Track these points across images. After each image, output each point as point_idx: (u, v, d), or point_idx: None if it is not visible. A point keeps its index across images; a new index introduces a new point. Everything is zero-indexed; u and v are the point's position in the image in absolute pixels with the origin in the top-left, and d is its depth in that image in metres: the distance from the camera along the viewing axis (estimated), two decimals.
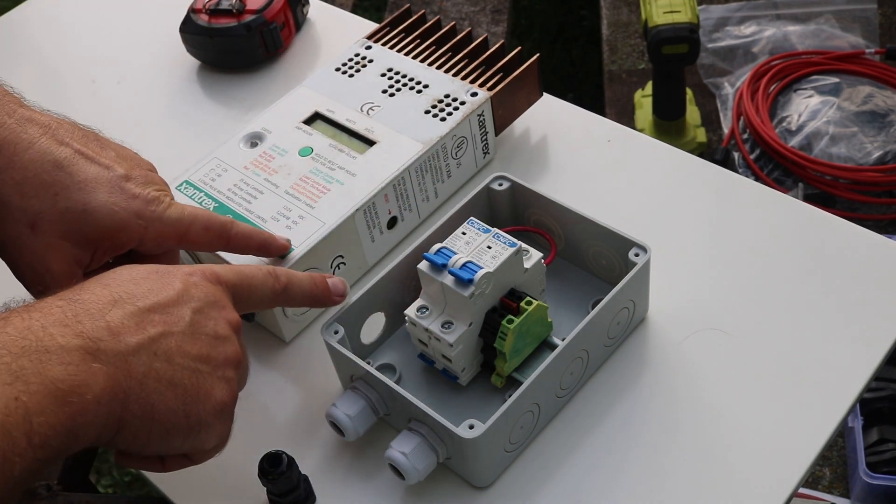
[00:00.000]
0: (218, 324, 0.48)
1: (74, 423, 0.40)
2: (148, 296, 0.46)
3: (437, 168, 0.68)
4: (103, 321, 0.43)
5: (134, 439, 0.44)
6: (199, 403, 0.46)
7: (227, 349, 0.48)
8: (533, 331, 0.55)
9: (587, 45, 1.98)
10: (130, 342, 0.44)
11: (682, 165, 0.71)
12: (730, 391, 0.57)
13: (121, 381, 0.42)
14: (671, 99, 1.43)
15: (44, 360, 0.40)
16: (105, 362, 0.42)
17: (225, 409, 0.48)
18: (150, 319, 0.45)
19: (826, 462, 1.13)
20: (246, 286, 0.52)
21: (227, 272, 0.51)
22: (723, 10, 1.63)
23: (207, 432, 0.47)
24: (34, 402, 0.38)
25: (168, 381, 0.45)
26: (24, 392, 0.38)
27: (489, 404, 0.57)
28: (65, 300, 0.44)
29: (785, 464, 0.53)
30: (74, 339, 0.41)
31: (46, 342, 0.40)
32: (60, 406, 0.39)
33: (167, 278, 0.48)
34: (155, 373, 0.44)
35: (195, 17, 0.85)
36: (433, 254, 0.54)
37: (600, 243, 0.60)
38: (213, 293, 0.49)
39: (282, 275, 0.54)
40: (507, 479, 0.55)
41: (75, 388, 0.40)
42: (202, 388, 0.46)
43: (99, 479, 1.46)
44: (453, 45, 0.74)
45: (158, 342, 0.45)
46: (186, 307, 0.47)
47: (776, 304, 0.61)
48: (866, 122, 1.40)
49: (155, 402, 0.44)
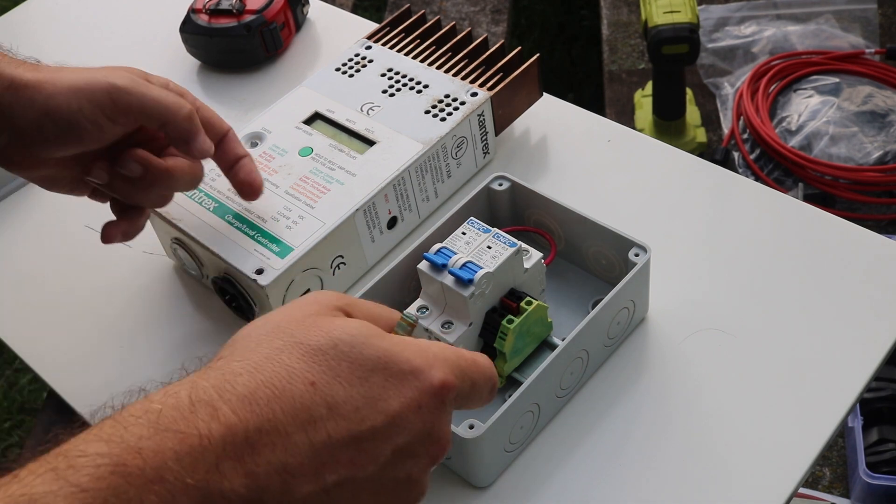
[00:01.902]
0: (417, 465, 0.38)
1: None
2: (351, 418, 0.36)
3: (437, 168, 0.68)
4: (282, 460, 0.34)
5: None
6: None
7: (412, 494, 0.39)
8: (533, 331, 0.55)
9: (587, 45, 1.98)
10: (299, 494, 0.35)
11: (682, 165, 0.71)
12: (730, 391, 0.57)
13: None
14: (671, 99, 1.43)
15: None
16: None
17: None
18: (335, 459, 0.36)
19: (826, 462, 1.13)
20: (468, 391, 0.42)
21: (457, 375, 0.40)
22: (723, 10, 1.63)
23: None
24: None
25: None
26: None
27: (489, 404, 0.57)
28: (250, 412, 0.34)
29: (785, 464, 0.53)
30: (242, 489, 0.33)
31: (214, 484, 0.33)
32: None
33: (388, 389, 0.37)
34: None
35: (195, 17, 0.85)
36: (433, 254, 0.54)
37: (600, 243, 0.60)
38: (434, 422, 0.39)
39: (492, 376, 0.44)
40: (507, 479, 0.55)
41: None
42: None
43: None
44: (453, 45, 0.74)
45: (331, 494, 0.36)
46: (389, 444, 0.37)
47: (776, 304, 0.61)
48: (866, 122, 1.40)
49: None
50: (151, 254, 0.70)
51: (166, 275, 0.69)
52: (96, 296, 0.69)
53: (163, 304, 0.68)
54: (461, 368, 0.41)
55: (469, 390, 0.41)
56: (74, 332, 0.68)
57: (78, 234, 0.73)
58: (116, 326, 0.67)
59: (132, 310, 0.68)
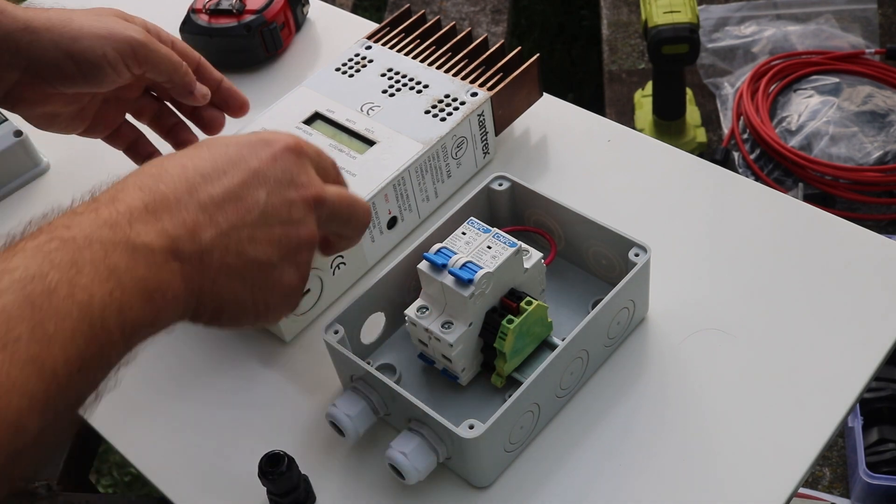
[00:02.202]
0: (293, 206, 0.48)
1: (157, 316, 0.43)
2: (222, 179, 0.46)
3: (437, 168, 0.68)
4: (180, 217, 0.44)
5: (206, 324, 0.47)
6: (267, 291, 0.48)
7: (301, 232, 0.48)
8: (533, 331, 0.55)
9: (587, 45, 1.98)
10: (205, 239, 0.44)
11: (682, 165, 0.71)
12: (730, 391, 0.57)
13: (196, 279, 0.44)
14: (671, 99, 1.43)
15: (133, 258, 0.42)
16: (183, 262, 0.44)
17: (293, 291, 0.49)
18: (223, 210, 0.45)
19: (826, 462, 1.13)
20: (323, 160, 0.52)
21: (309, 146, 0.51)
22: (723, 10, 1.63)
23: (275, 313, 0.50)
24: (126, 298, 0.41)
25: (238, 274, 0.46)
26: (118, 288, 0.40)
27: (489, 404, 0.57)
28: (144, 190, 0.44)
29: (785, 464, 0.53)
30: (158, 239, 0.43)
31: (134, 239, 0.42)
32: (146, 302, 0.42)
33: (243, 156, 0.48)
34: (226, 268, 0.45)
35: (195, 17, 0.85)
36: (433, 254, 0.54)
37: (600, 243, 0.60)
38: (292, 168, 0.48)
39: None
40: (507, 479, 0.55)
41: (159, 286, 0.42)
42: (271, 278, 0.48)
43: (99, 479, 1.46)
44: (453, 45, 0.74)
45: (230, 236, 0.45)
46: (261, 191, 0.47)
47: (776, 304, 0.61)
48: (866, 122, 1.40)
49: (225, 295, 0.46)
50: None
51: None
52: None
53: None
54: (316, 147, 0.52)
55: (327, 163, 0.52)
56: None
57: None
58: None
59: None
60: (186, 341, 0.65)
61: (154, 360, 0.65)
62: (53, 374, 0.38)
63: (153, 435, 0.61)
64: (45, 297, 0.38)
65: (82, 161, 0.78)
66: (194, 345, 0.65)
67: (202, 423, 0.61)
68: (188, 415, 0.61)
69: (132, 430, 0.61)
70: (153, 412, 0.62)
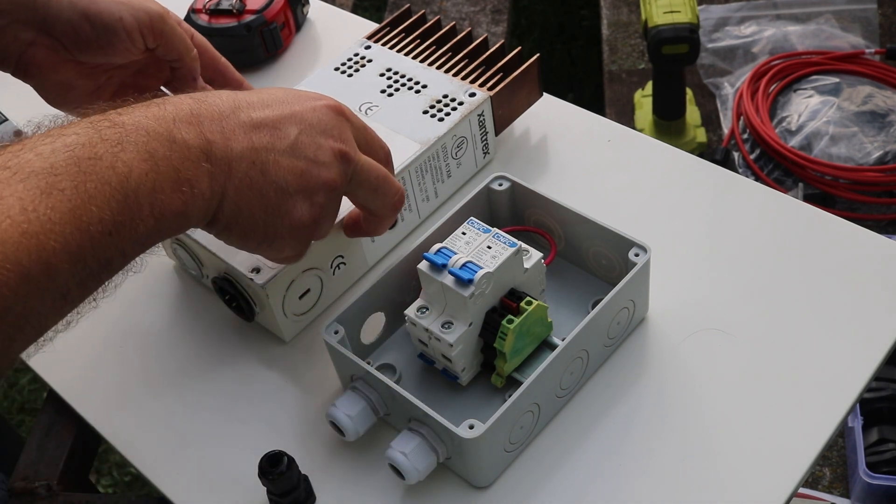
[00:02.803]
0: (321, 150, 0.52)
1: (184, 207, 0.46)
2: (265, 109, 0.51)
3: (436, 168, 0.68)
4: (219, 126, 0.49)
5: (217, 234, 0.51)
6: (278, 218, 0.51)
7: (323, 173, 0.51)
8: (533, 331, 0.55)
9: (587, 45, 1.98)
10: (236, 150, 0.49)
11: (682, 165, 0.71)
12: (729, 391, 0.57)
13: (221, 181, 0.48)
14: (671, 99, 1.43)
15: (171, 149, 0.46)
16: (214, 163, 0.48)
17: (301, 228, 0.52)
18: (258, 131, 0.50)
19: (826, 462, 1.13)
20: (369, 136, 0.56)
21: (356, 117, 0.55)
22: (723, 10, 1.63)
23: (280, 245, 0.52)
24: (159, 181, 0.45)
25: (258, 190, 0.49)
26: (153, 171, 0.44)
27: (489, 404, 0.57)
28: (194, 99, 0.49)
29: (785, 464, 0.53)
30: (196, 139, 0.47)
31: (175, 134, 0.46)
32: (176, 191, 0.45)
33: (289, 99, 0.53)
34: (249, 181, 0.49)
35: (195, 16, 0.85)
36: (433, 254, 0.54)
37: (600, 243, 0.60)
38: (330, 122, 0.53)
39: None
40: (507, 479, 0.55)
41: (189, 179, 0.46)
42: (284, 205, 0.51)
43: (99, 479, 1.46)
44: (453, 45, 0.74)
45: (259, 153, 0.49)
46: (295, 127, 0.51)
47: (776, 304, 0.61)
48: (866, 122, 1.40)
49: (242, 207, 0.49)
50: (151, 254, 0.70)
51: (166, 275, 0.69)
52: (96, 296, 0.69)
53: (163, 303, 0.68)
54: (361, 121, 0.56)
55: (369, 136, 0.56)
56: (74, 332, 0.67)
57: None
58: (116, 326, 0.67)
59: (132, 310, 0.68)
60: (186, 341, 0.65)
61: (154, 360, 0.65)
62: (87, 229, 0.41)
63: (153, 435, 0.61)
64: (90, 163, 0.42)
65: None
66: (194, 345, 0.65)
67: (202, 423, 0.61)
68: (188, 415, 0.61)
69: (132, 431, 0.61)
70: (153, 412, 0.62)
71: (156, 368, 0.64)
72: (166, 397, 0.62)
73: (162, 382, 0.63)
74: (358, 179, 0.54)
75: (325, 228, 0.54)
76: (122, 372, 0.64)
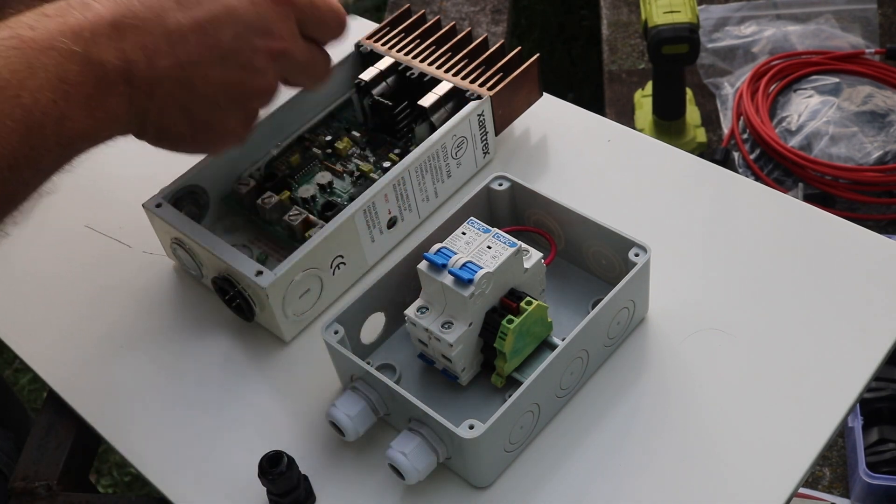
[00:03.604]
0: (256, 54, 0.48)
1: (97, 132, 0.44)
2: (195, 9, 0.46)
3: (436, 168, 0.68)
4: (142, 40, 0.44)
5: (151, 143, 0.49)
6: (207, 130, 0.49)
7: (256, 81, 0.49)
8: (533, 331, 0.55)
9: (587, 45, 1.98)
10: (159, 68, 0.45)
11: (682, 165, 0.71)
12: (729, 391, 0.57)
13: (141, 104, 0.45)
14: (671, 99, 1.43)
15: (85, 72, 0.42)
16: (133, 86, 0.45)
17: (234, 135, 0.50)
18: (185, 42, 0.46)
19: (826, 462, 1.13)
20: (320, 14, 0.52)
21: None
22: (723, 10, 1.63)
23: (214, 148, 0.52)
24: (69, 109, 0.42)
25: (183, 107, 0.47)
26: (63, 99, 0.42)
27: (489, 404, 0.57)
28: (118, 2, 0.45)
29: (785, 464, 0.53)
30: (115, 59, 0.44)
31: (91, 54, 0.43)
32: (87, 117, 0.43)
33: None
34: (173, 100, 0.46)
35: None
36: (433, 254, 0.54)
37: (600, 243, 0.60)
38: (269, 17, 0.48)
39: None
40: (507, 479, 0.55)
41: (103, 105, 0.44)
42: (213, 118, 0.49)
43: (99, 479, 1.46)
44: (453, 45, 0.74)
45: (185, 69, 0.46)
46: (228, 30, 0.47)
47: (776, 304, 0.61)
48: (866, 122, 1.40)
49: (167, 125, 0.47)
50: (151, 254, 0.70)
51: (166, 275, 0.69)
52: (96, 296, 0.69)
53: (163, 303, 0.68)
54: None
55: (308, 10, 0.51)
56: (74, 332, 0.68)
57: (78, 234, 0.73)
58: (116, 326, 0.67)
59: (132, 310, 0.68)
60: (186, 341, 0.65)
61: (153, 361, 0.65)
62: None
63: (153, 435, 0.61)
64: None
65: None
66: (193, 345, 0.65)
67: (202, 423, 0.61)
68: (188, 415, 0.61)
69: (132, 430, 0.61)
70: (153, 412, 0.62)
71: (155, 368, 0.64)
72: (166, 397, 0.62)
73: (161, 383, 0.63)
74: (294, 71, 0.52)
75: (263, 112, 0.52)
76: (122, 372, 0.64)
